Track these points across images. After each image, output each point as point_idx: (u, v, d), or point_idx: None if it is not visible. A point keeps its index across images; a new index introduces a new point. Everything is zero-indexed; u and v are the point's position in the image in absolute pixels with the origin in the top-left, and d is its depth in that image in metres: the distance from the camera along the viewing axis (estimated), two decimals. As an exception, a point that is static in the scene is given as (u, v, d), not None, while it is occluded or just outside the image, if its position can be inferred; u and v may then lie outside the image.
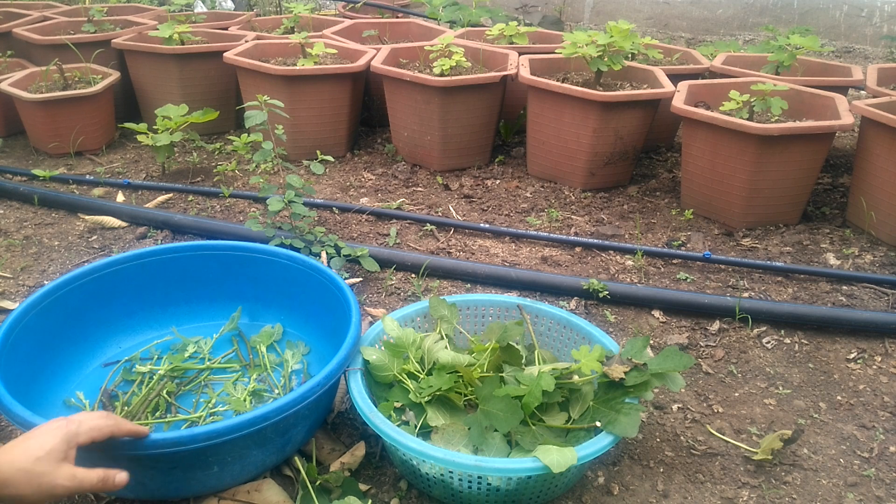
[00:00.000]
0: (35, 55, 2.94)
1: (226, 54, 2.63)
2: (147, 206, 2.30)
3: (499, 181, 2.56)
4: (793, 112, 2.32)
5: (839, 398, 1.55)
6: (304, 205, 2.01)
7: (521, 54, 2.71)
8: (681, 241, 2.16)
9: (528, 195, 2.45)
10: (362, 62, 2.59)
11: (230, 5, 5.09)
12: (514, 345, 1.40)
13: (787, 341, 1.73)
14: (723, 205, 2.23)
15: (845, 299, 1.87)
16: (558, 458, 1.11)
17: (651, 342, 1.71)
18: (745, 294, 1.90)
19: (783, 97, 2.26)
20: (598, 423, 1.23)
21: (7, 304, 1.79)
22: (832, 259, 2.07)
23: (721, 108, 2.23)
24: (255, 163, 2.59)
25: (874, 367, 1.65)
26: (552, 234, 2.15)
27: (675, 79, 2.47)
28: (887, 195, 2.10)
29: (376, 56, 2.66)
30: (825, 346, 1.71)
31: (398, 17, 3.67)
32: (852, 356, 1.68)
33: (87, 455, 1.06)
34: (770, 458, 1.36)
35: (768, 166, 2.11)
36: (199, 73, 2.80)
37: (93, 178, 2.46)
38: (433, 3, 3.65)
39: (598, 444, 1.17)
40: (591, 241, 2.10)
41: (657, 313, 1.82)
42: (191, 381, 1.49)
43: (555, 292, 1.88)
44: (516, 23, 3.15)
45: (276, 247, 1.66)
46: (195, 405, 1.43)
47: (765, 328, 1.77)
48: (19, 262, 2.00)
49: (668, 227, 2.26)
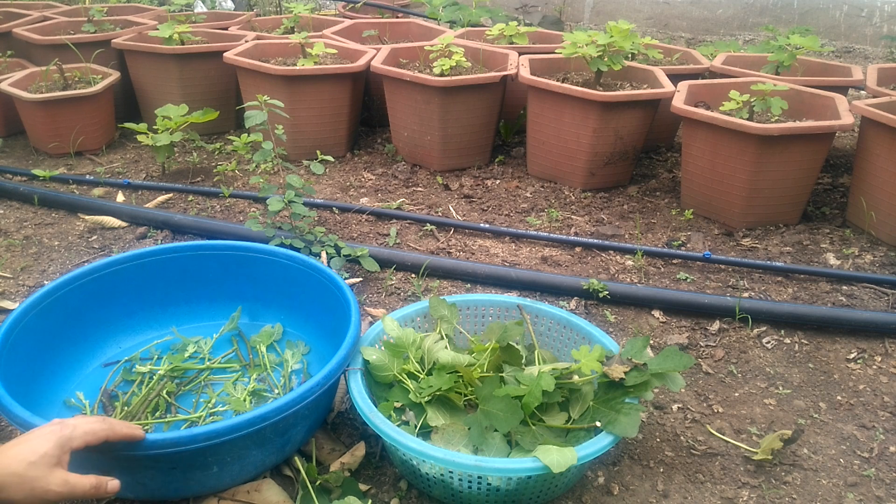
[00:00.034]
0: (35, 55, 2.94)
1: (226, 54, 2.63)
2: (147, 206, 2.30)
3: (499, 181, 2.56)
4: (793, 112, 2.32)
5: (839, 398, 1.55)
6: (304, 205, 2.01)
7: (521, 54, 2.71)
8: (681, 241, 2.16)
9: (528, 195, 2.45)
10: (362, 62, 2.59)
11: (230, 5, 5.09)
12: (514, 345, 1.40)
13: (787, 341, 1.73)
14: (723, 205, 2.23)
15: (845, 299, 1.87)
16: (558, 458, 1.11)
17: (651, 342, 1.71)
18: (745, 294, 1.90)
19: (783, 97, 2.26)
20: (598, 423, 1.23)
21: (7, 304, 1.79)
22: (832, 259, 2.07)
23: (721, 108, 2.23)
24: (255, 163, 2.59)
25: (874, 367, 1.65)
26: (552, 234, 2.15)
27: (675, 79, 2.47)
28: (887, 195, 2.10)
29: (376, 56, 2.66)
30: (825, 346, 1.71)
31: (398, 17, 3.67)
32: (852, 356, 1.68)
33: (87, 456, 1.06)
34: (770, 458, 1.36)
35: (768, 166, 2.11)
36: (199, 73, 2.80)
37: (93, 178, 2.46)
38: (433, 3, 3.65)
39: (598, 444, 1.17)
40: (591, 241, 2.10)
41: (657, 313, 1.82)
42: (191, 381, 1.50)
43: (555, 292, 1.88)
44: (516, 23, 3.15)
45: (276, 247, 1.66)
46: (195, 405, 1.43)
47: (765, 328, 1.77)
48: (19, 262, 2.00)
49: (668, 227, 2.26)
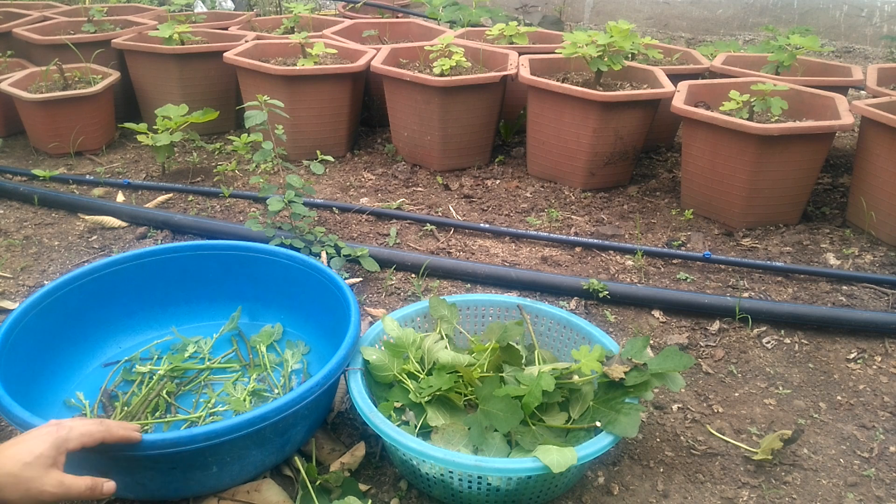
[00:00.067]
0: (35, 55, 2.94)
1: (226, 54, 2.63)
2: (147, 206, 2.30)
3: (499, 181, 2.56)
4: (793, 112, 2.32)
5: (839, 398, 1.55)
6: (304, 205, 2.01)
7: (521, 54, 2.71)
8: (681, 241, 2.15)
9: (528, 195, 2.45)
10: (362, 62, 2.59)
11: (230, 5, 5.10)
12: (514, 345, 1.40)
13: (787, 341, 1.73)
14: (723, 205, 2.23)
15: (845, 299, 1.87)
16: (558, 458, 1.11)
17: (651, 342, 1.71)
18: (745, 294, 1.90)
19: (783, 97, 2.26)
20: (598, 423, 1.23)
21: (7, 304, 1.79)
22: (832, 259, 2.07)
23: (721, 108, 2.23)
24: (255, 163, 2.59)
25: (874, 367, 1.65)
26: (552, 234, 2.15)
27: (675, 79, 2.47)
28: (887, 195, 2.10)
29: (376, 56, 2.66)
30: (825, 346, 1.71)
31: (398, 17, 3.67)
32: (852, 356, 1.68)
33: (86, 456, 1.06)
34: (770, 458, 1.36)
35: (768, 166, 2.11)
36: (199, 73, 2.80)
37: (93, 178, 2.46)
38: (433, 3, 3.65)
39: (598, 444, 1.17)
40: (591, 241, 2.10)
41: (657, 313, 1.82)
42: (191, 381, 1.49)
43: (555, 292, 1.88)
44: (516, 23, 3.15)
45: (276, 247, 1.66)
46: (195, 405, 1.43)
47: (765, 328, 1.77)
48: (19, 262, 2.00)
49: (668, 227, 2.26)
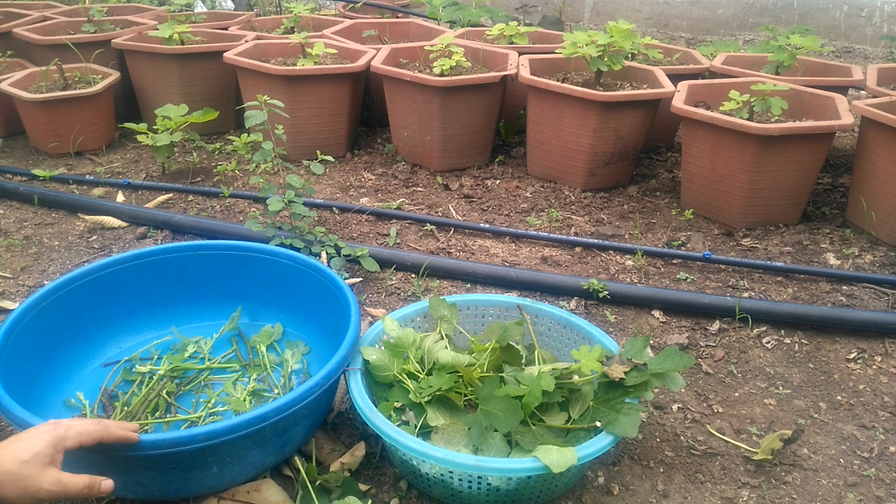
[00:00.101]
0: (35, 55, 2.94)
1: (226, 54, 2.63)
2: (147, 206, 2.30)
3: (499, 181, 2.56)
4: (793, 112, 2.32)
5: (839, 398, 1.55)
6: (304, 205, 2.01)
7: (521, 54, 2.71)
8: (681, 241, 2.15)
9: (528, 195, 2.45)
10: (362, 62, 2.59)
11: (230, 5, 5.10)
12: (514, 345, 1.40)
13: (787, 341, 1.73)
14: (723, 205, 2.23)
15: (845, 299, 1.87)
16: (558, 458, 1.11)
17: (651, 342, 1.71)
18: (745, 294, 1.90)
19: (783, 97, 2.26)
20: (598, 423, 1.23)
21: (7, 304, 1.79)
22: (832, 259, 2.07)
23: (721, 108, 2.23)
24: (255, 163, 2.59)
25: (874, 367, 1.65)
26: (552, 234, 2.15)
27: (675, 79, 2.47)
28: (887, 195, 2.10)
29: (376, 56, 2.66)
30: (825, 346, 1.71)
31: (398, 17, 3.67)
32: (852, 356, 1.68)
33: (85, 456, 1.06)
34: (770, 458, 1.36)
35: (768, 166, 2.11)
36: (199, 73, 2.80)
37: (93, 178, 2.46)
38: (433, 3, 3.65)
39: (598, 444, 1.17)
40: (591, 241, 2.10)
41: (657, 313, 1.82)
42: (191, 381, 1.50)
43: (555, 292, 1.88)
44: (516, 23, 3.15)
45: (276, 247, 1.66)
46: (195, 405, 1.43)
47: (765, 328, 1.76)
48: (19, 262, 2.00)
49: (668, 227, 2.26)
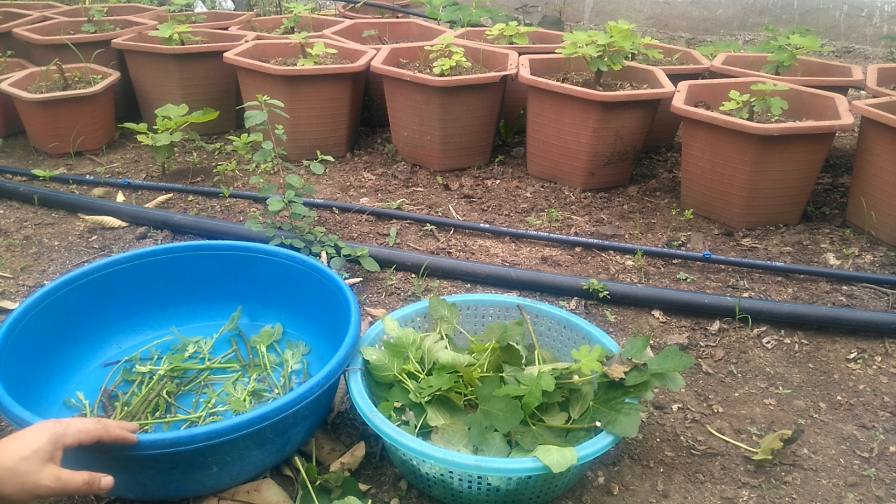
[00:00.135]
0: (35, 55, 2.94)
1: (226, 54, 2.63)
2: (147, 206, 2.30)
3: (499, 181, 2.56)
4: (793, 112, 2.32)
5: (839, 398, 1.55)
6: (304, 205, 2.01)
7: (521, 54, 2.71)
8: (681, 241, 2.15)
9: (528, 195, 2.45)
10: (362, 62, 2.59)
11: (230, 5, 5.09)
12: (514, 345, 1.40)
13: (787, 341, 1.73)
14: (723, 205, 2.23)
15: (845, 299, 1.87)
16: (558, 458, 1.11)
17: (651, 342, 1.71)
18: (745, 294, 1.90)
19: (783, 97, 2.26)
20: (598, 423, 1.23)
21: (7, 304, 1.79)
22: (832, 259, 2.07)
23: (721, 108, 2.23)
24: (255, 163, 2.59)
25: (874, 367, 1.65)
26: (552, 234, 2.15)
27: (675, 79, 2.47)
28: (887, 195, 2.10)
29: (376, 56, 2.66)
30: (825, 346, 1.71)
31: (398, 17, 3.67)
32: (852, 356, 1.68)
33: (85, 456, 1.06)
34: (770, 458, 1.36)
35: (768, 166, 2.11)
36: (199, 73, 2.80)
37: (93, 178, 2.46)
38: (433, 3, 3.65)
39: (598, 444, 1.17)
40: (591, 241, 2.10)
41: (657, 313, 1.82)
42: (191, 381, 1.50)
43: (555, 292, 1.88)
44: (516, 23, 3.15)
45: (276, 247, 1.66)
46: (195, 405, 1.43)
47: (765, 328, 1.77)
48: (19, 262, 2.00)
49: (668, 227, 2.26)
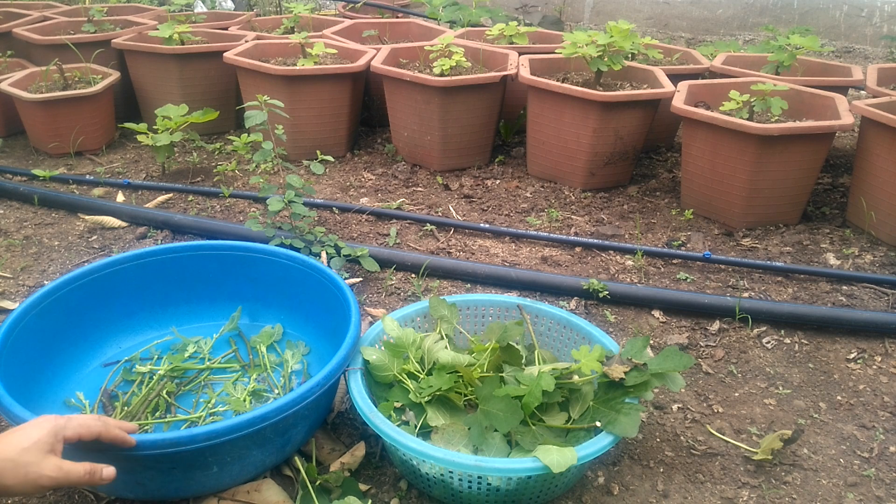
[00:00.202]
0: (35, 55, 2.94)
1: (226, 54, 2.63)
2: (147, 206, 2.30)
3: (499, 181, 2.56)
4: (793, 112, 2.32)
5: (839, 398, 1.55)
6: (304, 205, 2.01)
7: (521, 54, 2.71)
8: (681, 241, 2.15)
9: (528, 195, 2.45)
10: (362, 62, 2.59)
11: (230, 5, 5.09)
12: (514, 345, 1.40)
13: (787, 341, 1.73)
14: (723, 205, 2.23)
15: (845, 299, 1.87)
16: (558, 458, 1.11)
17: (651, 342, 1.71)
18: (745, 294, 1.90)
19: (783, 97, 2.26)
20: (598, 423, 1.23)
21: (7, 304, 1.79)
22: (832, 259, 2.07)
23: (721, 108, 2.23)
24: (255, 163, 2.59)
25: (874, 367, 1.65)
26: (552, 234, 2.15)
27: (675, 79, 2.47)
28: (887, 195, 2.10)
29: (376, 56, 2.66)
30: (825, 346, 1.71)
31: (398, 17, 3.67)
32: (852, 356, 1.68)
33: (87, 456, 1.06)
34: (770, 458, 1.36)
35: (768, 166, 2.11)
36: (199, 73, 2.80)
37: (93, 178, 2.46)
38: (433, 3, 3.65)
39: (598, 444, 1.17)
40: (591, 241, 2.10)
41: (657, 313, 1.82)
42: (191, 381, 1.50)
43: (555, 292, 1.88)
44: (516, 23, 3.15)
45: (276, 247, 1.66)
46: (195, 405, 1.43)
47: (765, 328, 1.77)
48: (19, 262, 2.00)
49: (668, 227, 2.26)
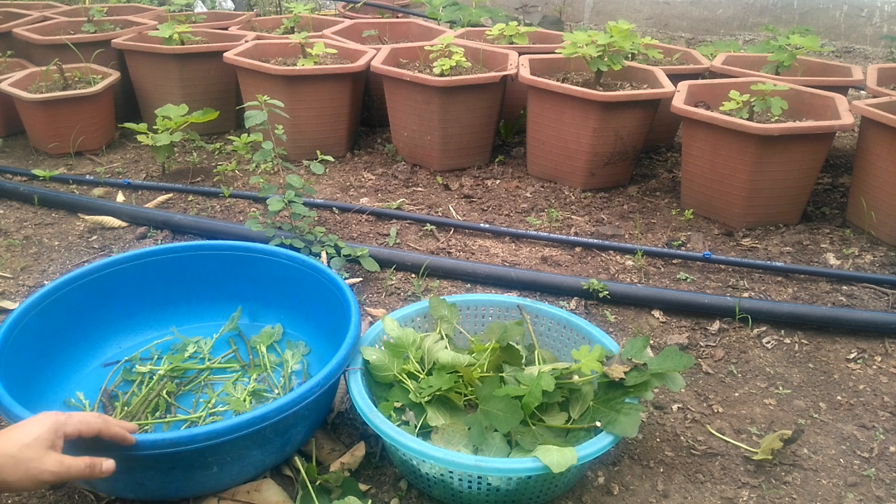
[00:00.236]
0: (35, 55, 2.94)
1: (226, 54, 2.63)
2: (147, 206, 2.30)
3: (499, 181, 2.56)
4: (793, 112, 2.32)
5: (839, 398, 1.55)
6: (304, 205, 2.01)
7: (521, 54, 2.71)
8: (681, 241, 2.15)
9: (528, 195, 2.45)
10: (362, 62, 2.59)
11: (230, 5, 5.09)
12: (514, 345, 1.40)
13: (787, 341, 1.73)
14: (723, 205, 2.23)
15: (845, 299, 1.87)
16: (558, 458, 1.11)
17: (651, 342, 1.71)
18: (745, 294, 1.90)
19: (783, 97, 2.26)
20: (598, 423, 1.23)
21: (7, 304, 1.79)
22: (832, 259, 2.07)
23: (721, 108, 2.23)
24: (255, 163, 2.59)
25: (874, 367, 1.65)
26: (552, 234, 2.15)
27: (675, 79, 2.47)
28: (887, 195, 2.10)
29: (376, 56, 2.66)
30: (825, 346, 1.71)
31: (398, 17, 3.67)
32: (852, 356, 1.68)
33: (86, 454, 1.06)
34: (770, 458, 1.36)
35: (768, 166, 2.11)
36: (199, 73, 2.80)
37: (93, 178, 2.46)
38: (433, 3, 3.65)
39: (598, 444, 1.17)
40: (591, 241, 2.10)
41: (657, 313, 1.82)
42: (191, 381, 1.50)
43: (555, 292, 1.88)
44: (516, 23, 3.15)
45: (276, 247, 1.66)
46: (195, 405, 1.43)
47: (765, 328, 1.77)
48: (19, 262, 2.00)
49: (668, 227, 2.26)
